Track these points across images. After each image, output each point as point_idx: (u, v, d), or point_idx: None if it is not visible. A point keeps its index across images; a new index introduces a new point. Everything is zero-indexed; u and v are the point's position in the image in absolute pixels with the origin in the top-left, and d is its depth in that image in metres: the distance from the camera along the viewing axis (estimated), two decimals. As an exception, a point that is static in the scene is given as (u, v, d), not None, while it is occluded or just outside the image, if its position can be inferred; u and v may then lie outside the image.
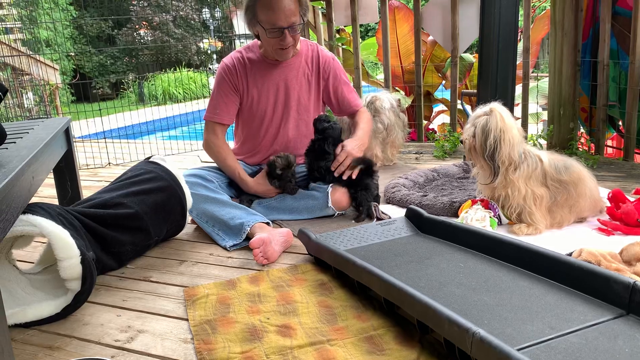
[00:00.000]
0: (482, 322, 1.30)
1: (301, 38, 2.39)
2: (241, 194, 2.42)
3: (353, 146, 2.33)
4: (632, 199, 2.13)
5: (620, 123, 3.42)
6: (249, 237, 2.05)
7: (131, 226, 1.93)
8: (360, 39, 4.25)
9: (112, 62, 13.63)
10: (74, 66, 12.48)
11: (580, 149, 3.30)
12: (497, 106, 2.03)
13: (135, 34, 13.64)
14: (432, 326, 1.27)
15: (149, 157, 2.22)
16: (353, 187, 2.31)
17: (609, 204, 2.16)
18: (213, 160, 2.46)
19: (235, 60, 2.37)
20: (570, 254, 1.70)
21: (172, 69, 12.07)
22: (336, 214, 2.35)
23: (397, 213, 2.34)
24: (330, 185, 2.32)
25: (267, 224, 2.14)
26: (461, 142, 2.13)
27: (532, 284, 1.49)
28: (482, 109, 2.06)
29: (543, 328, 1.26)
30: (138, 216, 1.94)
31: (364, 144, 2.43)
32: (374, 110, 3.08)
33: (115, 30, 13.56)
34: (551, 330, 1.25)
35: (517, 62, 3.42)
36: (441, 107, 5.18)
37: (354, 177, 2.27)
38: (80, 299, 1.62)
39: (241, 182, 2.39)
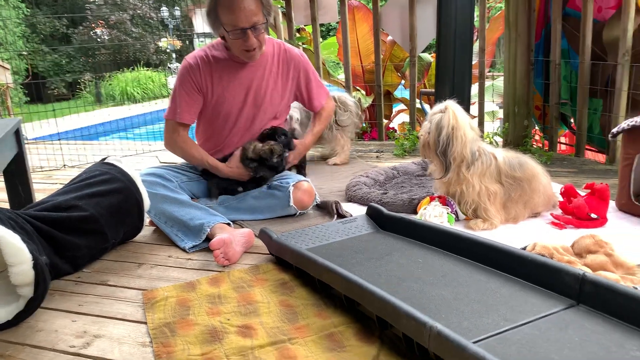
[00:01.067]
0: (439, 316, 1.32)
1: (267, 37, 2.36)
2: (211, 182, 2.42)
3: (292, 158, 2.50)
4: (582, 194, 2.21)
5: (572, 120, 3.54)
6: (209, 238, 2.03)
7: (86, 229, 1.88)
8: (320, 39, 4.26)
9: (68, 62, 13.26)
10: (27, 65, 12.08)
11: (535, 146, 3.40)
12: (451, 104, 2.08)
13: (91, 32, 13.30)
14: (391, 321, 1.29)
15: (105, 158, 2.17)
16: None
17: (561, 199, 2.24)
18: (179, 157, 2.43)
19: (199, 58, 2.32)
20: (524, 248, 1.74)
21: (130, 69, 11.83)
22: (298, 213, 2.35)
23: (358, 211, 2.36)
24: (293, 184, 2.31)
25: (228, 224, 2.12)
26: (418, 137, 2.17)
27: (488, 277, 1.53)
28: (438, 107, 2.10)
29: (498, 320, 1.29)
30: (93, 219, 1.89)
31: (302, 153, 2.60)
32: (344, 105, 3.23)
33: (71, 29, 13.19)
34: (506, 322, 1.28)
35: (474, 62, 3.50)
36: (401, 106, 5.25)
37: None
38: (33, 305, 1.57)
39: (212, 169, 2.37)
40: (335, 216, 2.33)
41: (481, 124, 3.77)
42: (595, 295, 1.32)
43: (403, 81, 4.91)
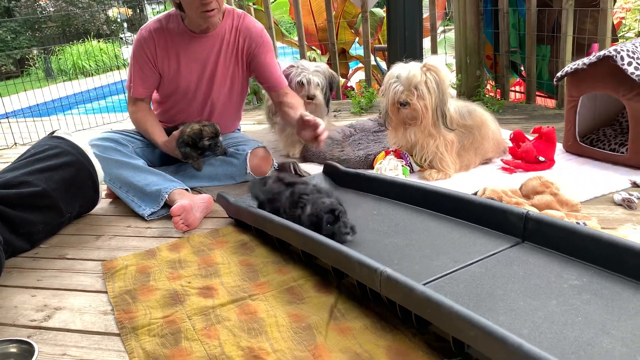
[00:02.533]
0: (392, 262, 1.37)
1: (228, 7, 2.26)
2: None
3: None
4: (531, 138, 2.28)
5: (522, 68, 3.61)
6: (167, 204, 2.02)
7: (40, 205, 1.86)
8: (271, -2, 4.19)
9: (14, 37, 12.65)
10: (-33, 43, 11.49)
11: (487, 95, 3.46)
12: (434, 61, 2.06)
13: (35, 5, 12.69)
14: (345, 271, 1.33)
15: (53, 132, 2.12)
16: None
17: (511, 144, 2.30)
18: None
19: (153, 31, 2.22)
20: (475, 194, 1.80)
21: (80, 41, 11.37)
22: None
23: (316, 170, 2.38)
24: (249, 151, 2.29)
25: (186, 190, 2.11)
26: (401, 104, 2.07)
27: (439, 223, 1.58)
28: (412, 68, 2.06)
29: (448, 262, 1.35)
30: (46, 194, 1.86)
31: None
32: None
33: (13, 2, 12.55)
34: (455, 264, 1.34)
35: (425, 15, 3.51)
36: (360, 64, 5.24)
37: None
38: (-11, 284, 1.56)
39: (156, 145, 2.32)
40: (293, 176, 2.34)
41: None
42: (538, 231, 1.39)
43: (357, 38, 4.88)
